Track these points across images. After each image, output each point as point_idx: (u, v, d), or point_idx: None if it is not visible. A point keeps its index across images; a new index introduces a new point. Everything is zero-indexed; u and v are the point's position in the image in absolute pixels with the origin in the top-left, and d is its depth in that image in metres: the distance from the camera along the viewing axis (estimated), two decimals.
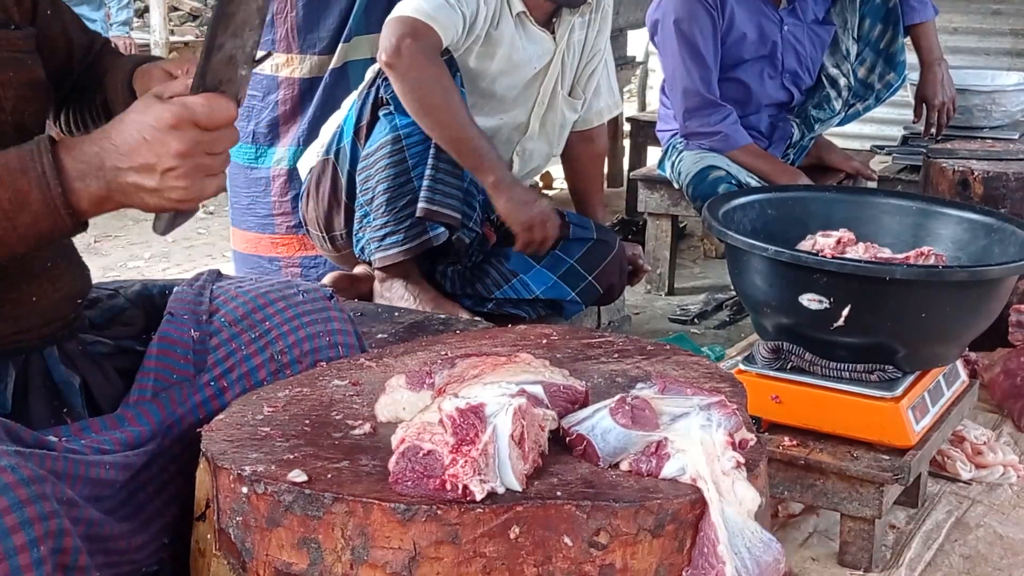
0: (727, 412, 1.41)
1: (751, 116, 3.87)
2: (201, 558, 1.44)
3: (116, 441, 1.48)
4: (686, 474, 1.34)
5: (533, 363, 1.48)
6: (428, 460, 1.27)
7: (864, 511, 2.12)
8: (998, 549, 2.25)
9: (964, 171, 3.38)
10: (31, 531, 1.22)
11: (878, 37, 4.02)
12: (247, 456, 1.37)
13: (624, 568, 1.29)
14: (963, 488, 2.47)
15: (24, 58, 1.62)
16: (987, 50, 6.06)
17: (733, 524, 1.31)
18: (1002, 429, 2.73)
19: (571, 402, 1.45)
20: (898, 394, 2.14)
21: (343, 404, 1.55)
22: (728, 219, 2.32)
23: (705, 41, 3.68)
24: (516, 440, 1.30)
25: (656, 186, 4.12)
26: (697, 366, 1.73)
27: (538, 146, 2.97)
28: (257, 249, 3.43)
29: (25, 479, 1.23)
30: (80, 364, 1.63)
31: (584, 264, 2.88)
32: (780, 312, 2.20)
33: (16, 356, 1.57)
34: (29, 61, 1.63)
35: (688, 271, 4.64)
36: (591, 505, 1.28)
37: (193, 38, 7.47)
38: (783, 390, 2.21)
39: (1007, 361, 2.82)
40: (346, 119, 2.81)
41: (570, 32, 2.88)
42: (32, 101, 1.62)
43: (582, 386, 1.47)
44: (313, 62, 3.28)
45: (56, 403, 1.57)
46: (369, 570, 1.27)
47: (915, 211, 2.49)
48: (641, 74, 7.03)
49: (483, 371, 1.44)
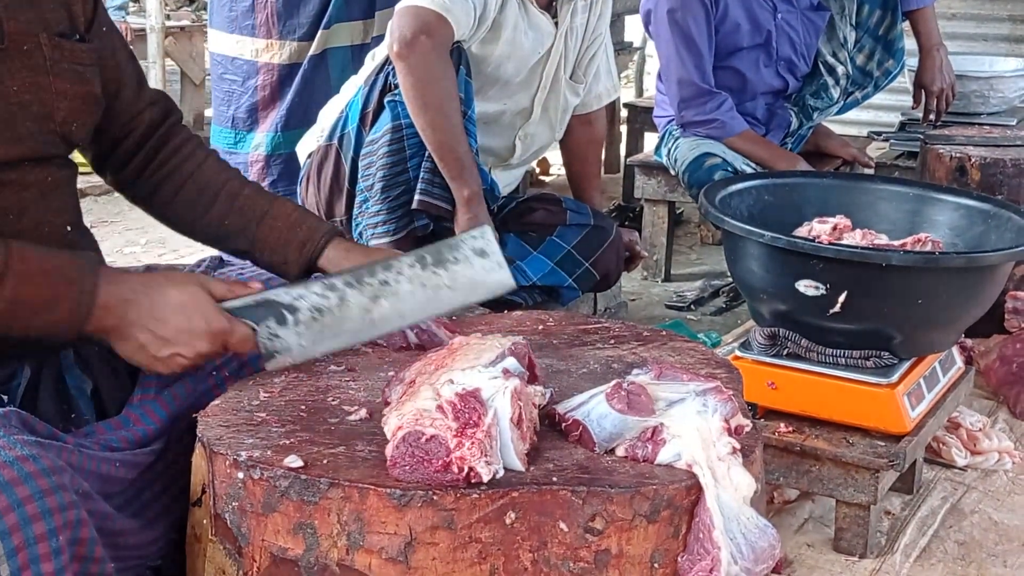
0: (723, 398, 1.41)
1: (747, 103, 3.86)
2: (197, 543, 1.44)
3: (123, 440, 1.49)
4: (682, 460, 1.34)
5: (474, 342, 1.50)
6: (431, 445, 1.28)
7: (859, 497, 2.13)
8: (993, 535, 2.26)
9: (961, 157, 3.38)
10: (51, 521, 1.23)
11: (876, 23, 4.01)
12: (243, 441, 1.37)
13: (619, 554, 1.30)
14: (958, 474, 2.48)
15: (83, 71, 1.64)
16: (985, 36, 6.05)
17: (729, 510, 1.31)
18: (998, 416, 2.74)
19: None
20: (894, 380, 2.14)
21: (339, 390, 1.55)
22: (725, 205, 2.32)
23: (699, 29, 3.66)
24: (515, 421, 1.31)
25: (653, 172, 4.12)
26: (693, 352, 1.73)
27: (540, 130, 2.97)
28: None
29: (45, 469, 1.24)
30: (95, 367, 1.63)
31: (581, 250, 2.88)
32: (776, 298, 2.20)
33: (31, 357, 1.57)
34: (88, 75, 1.65)
35: (685, 257, 4.63)
36: (587, 491, 1.28)
37: (190, 23, 7.43)
38: (779, 376, 2.21)
39: (1003, 348, 2.82)
40: (351, 105, 2.80)
41: (572, 16, 2.87)
42: (83, 114, 1.65)
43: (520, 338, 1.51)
44: (293, 48, 3.27)
45: (64, 407, 1.57)
46: (365, 555, 1.28)
47: (912, 197, 2.48)
48: (639, 60, 7.01)
49: (440, 366, 1.44)
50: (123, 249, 4.88)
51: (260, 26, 3.27)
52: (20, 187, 1.56)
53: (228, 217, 1.81)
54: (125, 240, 5.02)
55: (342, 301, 1.57)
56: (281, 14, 3.25)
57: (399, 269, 1.57)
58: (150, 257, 4.76)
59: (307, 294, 1.57)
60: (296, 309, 1.56)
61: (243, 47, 3.31)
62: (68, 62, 1.61)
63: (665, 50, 3.75)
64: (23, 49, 1.55)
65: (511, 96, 2.86)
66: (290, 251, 1.78)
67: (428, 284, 1.58)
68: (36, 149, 1.58)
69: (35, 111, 1.56)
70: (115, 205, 5.41)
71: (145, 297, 1.48)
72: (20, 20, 1.56)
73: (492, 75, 2.79)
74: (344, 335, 1.59)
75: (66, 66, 1.61)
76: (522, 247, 2.86)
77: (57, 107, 1.59)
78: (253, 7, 3.25)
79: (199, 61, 7.08)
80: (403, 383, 1.46)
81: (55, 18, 1.62)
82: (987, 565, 2.16)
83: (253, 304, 1.55)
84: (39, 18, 1.59)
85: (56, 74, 1.59)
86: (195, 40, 7.08)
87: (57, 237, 1.61)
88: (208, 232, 1.83)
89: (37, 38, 1.57)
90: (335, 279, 1.59)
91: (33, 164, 1.58)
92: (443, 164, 2.59)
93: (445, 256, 1.58)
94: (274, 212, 1.81)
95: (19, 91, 1.54)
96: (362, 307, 1.57)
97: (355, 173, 2.78)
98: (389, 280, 1.57)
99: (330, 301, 1.57)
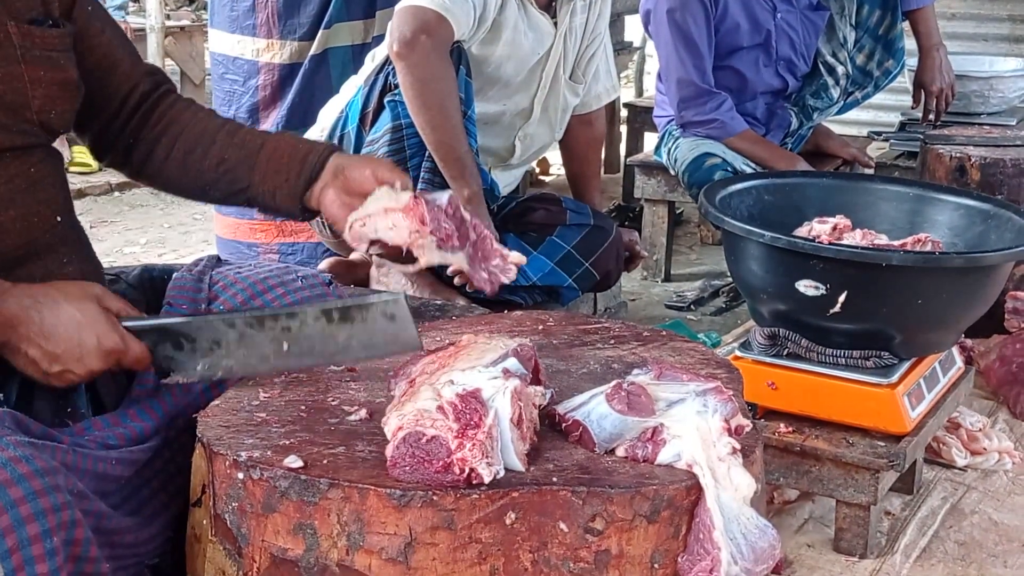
0: (723, 398, 1.41)
1: (747, 103, 3.86)
2: (197, 544, 1.44)
3: (120, 436, 1.48)
4: (682, 460, 1.34)
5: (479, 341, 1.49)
6: (432, 446, 1.27)
7: (859, 497, 2.13)
8: (993, 535, 2.26)
9: (961, 157, 3.38)
10: (44, 522, 1.23)
11: (876, 23, 4.01)
12: (243, 442, 1.37)
13: (620, 554, 1.29)
14: (958, 475, 2.48)
15: (57, 57, 1.62)
16: (985, 36, 6.05)
17: (729, 510, 1.31)
18: (997, 416, 2.74)
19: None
20: (894, 380, 2.14)
21: (339, 390, 1.55)
22: (725, 205, 2.32)
23: (699, 30, 3.66)
24: (515, 422, 1.31)
25: (653, 172, 4.12)
26: (693, 352, 1.73)
27: (540, 131, 2.97)
28: (236, 235, 3.45)
29: (39, 470, 1.24)
30: None
31: (581, 250, 2.88)
32: (776, 298, 2.20)
33: None
34: (62, 60, 1.63)
35: (685, 257, 4.63)
36: (587, 491, 1.28)
37: (189, 23, 7.43)
38: (779, 376, 2.21)
39: (1003, 348, 2.82)
40: (350, 105, 2.80)
41: (571, 16, 2.87)
42: (60, 101, 1.63)
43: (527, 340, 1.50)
44: (293, 48, 3.28)
45: (60, 403, 1.57)
46: (365, 556, 1.28)
47: (912, 197, 2.48)
48: (639, 60, 7.01)
49: (442, 365, 1.44)
50: (122, 249, 4.88)
51: (261, 26, 3.28)
52: (4, 179, 1.54)
53: (228, 151, 1.77)
54: (124, 240, 5.02)
55: (242, 338, 1.53)
56: (282, 14, 3.26)
57: (303, 320, 1.53)
58: (149, 257, 4.76)
59: (206, 326, 1.53)
60: (194, 339, 1.53)
61: (244, 47, 3.32)
62: (40, 49, 1.59)
63: (664, 50, 3.75)
64: None
65: (511, 97, 2.86)
66: (292, 167, 1.74)
67: (331, 336, 1.54)
68: (14, 140, 1.56)
69: (9, 100, 1.55)
70: (115, 205, 5.41)
71: (36, 312, 1.44)
72: None
73: (492, 76, 2.79)
74: (242, 369, 1.56)
75: (38, 53, 1.58)
76: (522, 247, 2.86)
77: (32, 95, 1.57)
78: (254, 7, 3.26)
79: (199, 61, 7.08)
80: (406, 380, 1.45)
81: (25, 5, 1.59)
82: (987, 565, 2.16)
83: (150, 329, 1.52)
84: (6, 7, 1.56)
85: (28, 62, 1.57)
86: (195, 40, 7.08)
87: (46, 228, 1.60)
88: (208, 175, 1.78)
89: (5, 27, 1.55)
90: (236, 317, 1.55)
91: (14, 155, 1.56)
92: (443, 164, 2.59)
93: (353, 315, 1.54)
94: (275, 138, 1.79)
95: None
96: (262, 346, 1.54)
97: None
98: (292, 327, 1.53)
99: (229, 336, 1.53)
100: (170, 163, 1.80)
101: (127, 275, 1.82)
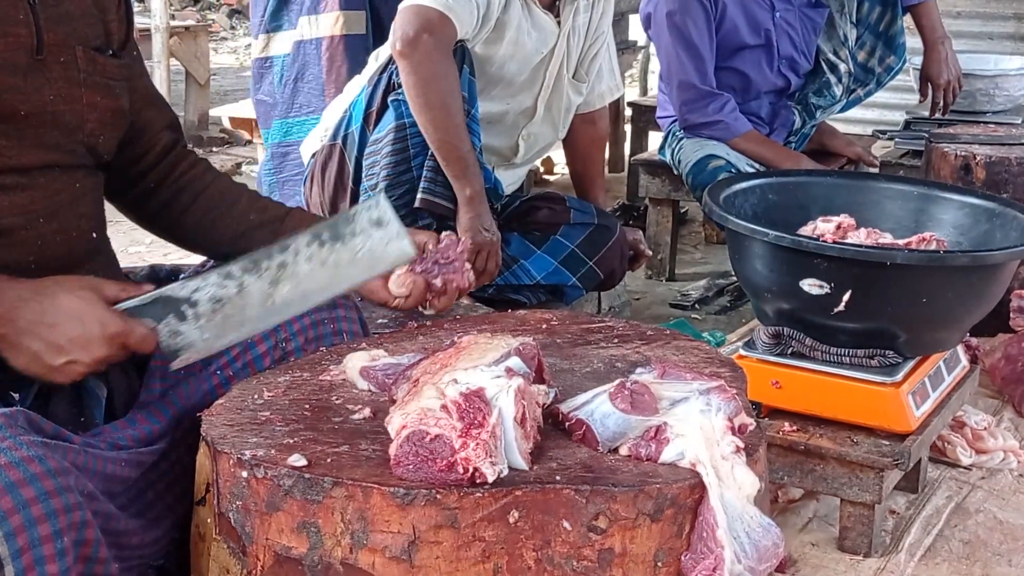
0: (727, 397, 1.41)
1: (751, 103, 3.86)
2: (201, 542, 1.44)
3: (130, 438, 1.49)
4: (685, 459, 1.34)
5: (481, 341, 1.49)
6: (435, 445, 1.28)
7: (864, 496, 2.12)
8: (998, 534, 2.25)
9: (966, 156, 3.37)
10: (56, 522, 1.23)
11: (877, 19, 4.00)
12: (247, 440, 1.37)
13: (623, 552, 1.29)
14: (963, 473, 2.47)
15: (114, 86, 1.67)
16: (990, 34, 6.03)
17: (732, 509, 1.31)
18: (1003, 415, 2.73)
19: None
20: (899, 379, 2.14)
21: (343, 389, 1.55)
22: (729, 204, 2.32)
23: (699, 32, 3.65)
24: (519, 421, 1.31)
25: (657, 171, 4.11)
26: (697, 351, 1.73)
27: (543, 130, 2.97)
28: None
29: (51, 470, 1.25)
30: (111, 371, 1.63)
31: (585, 249, 2.89)
32: (781, 297, 2.20)
33: None
34: (117, 90, 1.68)
35: (689, 256, 4.63)
36: (590, 490, 1.28)
37: (194, 23, 7.44)
38: (783, 375, 2.21)
39: (1008, 346, 2.81)
40: (354, 104, 2.80)
41: (575, 15, 2.87)
42: (110, 128, 1.67)
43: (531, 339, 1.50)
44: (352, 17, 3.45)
45: (75, 410, 1.57)
46: (368, 554, 1.28)
47: (917, 196, 2.48)
48: (643, 59, 7.01)
49: (445, 364, 1.44)
50: (127, 249, 4.88)
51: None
52: (51, 192, 1.59)
53: (252, 214, 1.83)
54: (130, 240, 5.01)
55: (241, 288, 1.53)
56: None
57: (296, 249, 1.53)
58: (155, 257, 4.76)
59: (205, 286, 1.53)
60: (195, 303, 1.52)
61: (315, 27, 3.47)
62: (100, 76, 1.64)
63: (665, 53, 3.75)
64: (60, 60, 1.59)
65: (514, 96, 2.86)
66: None
67: (327, 262, 1.53)
68: (65, 158, 1.61)
69: (67, 120, 1.60)
70: None
71: (36, 304, 1.43)
72: (58, 32, 1.59)
73: (496, 75, 2.79)
74: (247, 323, 1.55)
75: (98, 79, 1.64)
76: (526, 246, 2.86)
77: (87, 119, 1.62)
78: None
79: (203, 61, 7.08)
80: (408, 381, 1.46)
81: (92, 33, 1.65)
82: (992, 564, 2.16)
83: (150, 302, 1.51)
84: (76, 32, 1.62)
85: (88, 87, 1.62)
86: (200, 40, 7.08)
87: (84, 242, 1.65)
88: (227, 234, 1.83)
89: (73, 51, 1.61)
90: (231, 266, 1.54)
91: (62, 171, 1.61)
92: (445, 163, 2.59)
93: (342, 231, 1.53)
94: (298, 210, 1.86)
95: (54, 101, 1.58)
96: (262, 292, 1.53)
97: (359, 172, 2.78)
98: (287, 261, 1.53)
99: (229, 290, 1.53)
100: (188, 217, 1.85)
101: (135, 275, 1.84)
